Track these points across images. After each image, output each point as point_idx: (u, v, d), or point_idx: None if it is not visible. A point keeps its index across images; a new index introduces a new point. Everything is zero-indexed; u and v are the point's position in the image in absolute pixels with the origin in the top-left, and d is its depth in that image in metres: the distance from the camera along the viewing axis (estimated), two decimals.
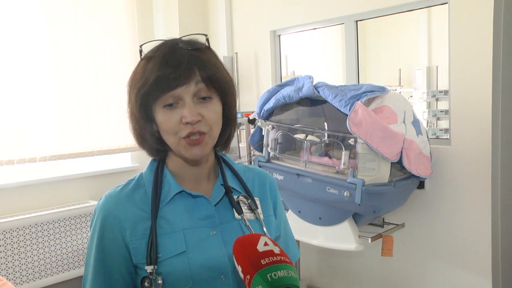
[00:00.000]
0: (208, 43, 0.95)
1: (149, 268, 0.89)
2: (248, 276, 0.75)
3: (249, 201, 1.00)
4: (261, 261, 0.75)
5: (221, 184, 1.00)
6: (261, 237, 0.81)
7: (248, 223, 0.96)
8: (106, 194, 0.98)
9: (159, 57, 0.89)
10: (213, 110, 0.91)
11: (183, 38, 0.93)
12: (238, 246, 0.81)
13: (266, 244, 0.79)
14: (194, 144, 0.90)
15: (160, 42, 0.93)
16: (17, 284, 2.82)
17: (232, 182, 1.01)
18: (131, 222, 0.93)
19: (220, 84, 0.92)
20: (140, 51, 0.94)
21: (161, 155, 0.99)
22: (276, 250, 0.78)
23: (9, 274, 2.79)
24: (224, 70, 0.95)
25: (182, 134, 0.89)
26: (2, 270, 2.75)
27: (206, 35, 0.95)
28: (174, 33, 3.63)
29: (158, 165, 0.99)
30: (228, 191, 0.99)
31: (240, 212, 0.97)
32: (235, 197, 0.99)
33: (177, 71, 0.87)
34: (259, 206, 1.02)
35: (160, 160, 1.00)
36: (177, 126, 0.89)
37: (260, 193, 1.06)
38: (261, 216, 1.00)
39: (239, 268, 0.79)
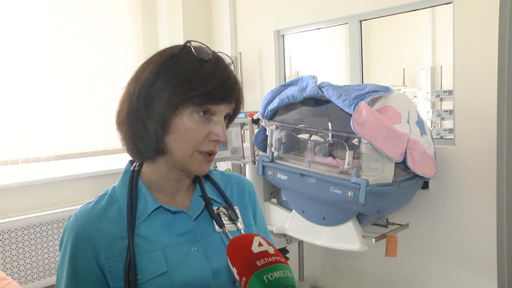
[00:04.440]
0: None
1: None
2: (244, 278, 0.74)
3: (230, 212, 0.96)
4: (257, 262, 0.74)
5: (200, 196, 0.95)
6: (255, 237, 0.79)
7: (229, 235, 0.91)
8: (76, 212, 0.90)
9: (216, 66, 0.84)
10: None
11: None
12: (232, 247, 0.79)
13: (260, 244, 0.78)
14: (208, 161, 0.88)
15: (200, 44, 0.87)
16: (21, 283, 2.83)
17: (210, 193, 0.97)
18: (105, 243, 0.85)
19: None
20: (190, 47, 0.86)
21: (158, 155, 0.89)
22: (271, 250, 0.77)
23: (14, 273, 2.80)
24: None
25: (204, 148, 0.86)
26: (7, 269, 2.77)
27: (231, 59, 0.91)
28: (178, 34, 3.64)
29: (132, 178, 0.92)
30: (208, 203, 0.94)
31: (221, 225, 0.93)
32: (215, 208, 0.95)
33: (234, 89, 0.85)
34: (239, 215, 0.98)
35: (134, 171, 0.94)
36: (201, 139, 0.85)
37: (240, 201, 1.02)
38: (242, 226, 0.96)
39: (234, 270, 0.77)
